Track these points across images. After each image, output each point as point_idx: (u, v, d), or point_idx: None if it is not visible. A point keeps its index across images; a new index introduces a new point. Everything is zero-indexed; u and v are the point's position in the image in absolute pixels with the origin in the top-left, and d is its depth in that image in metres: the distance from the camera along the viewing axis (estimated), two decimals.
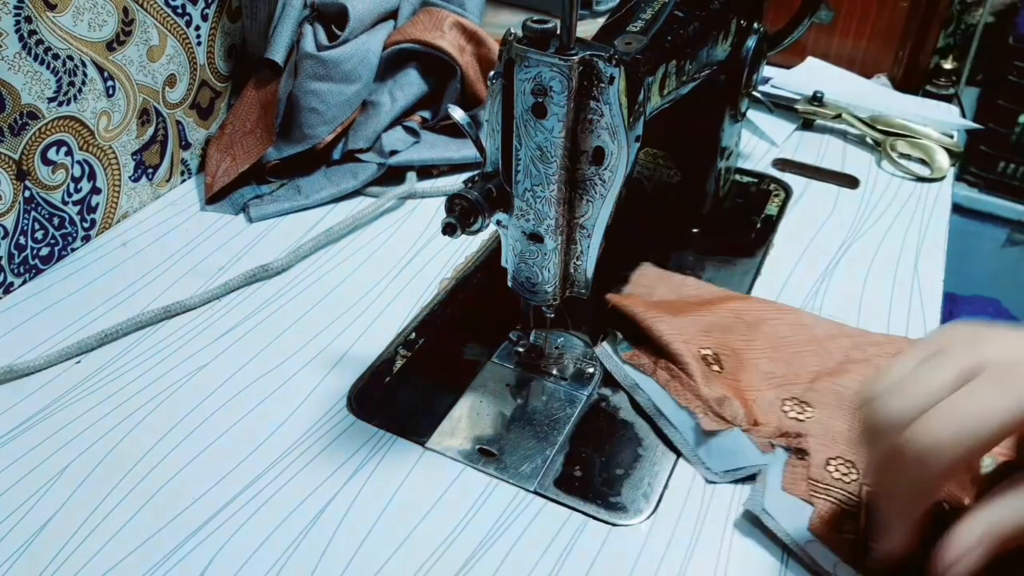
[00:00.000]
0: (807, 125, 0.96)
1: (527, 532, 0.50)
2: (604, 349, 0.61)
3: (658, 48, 0.53)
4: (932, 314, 0.68)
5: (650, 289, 0.66)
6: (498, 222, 0.53)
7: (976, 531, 0.39)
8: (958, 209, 1.62)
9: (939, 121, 0.95)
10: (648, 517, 0.51)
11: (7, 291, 0.67)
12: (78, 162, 0.70)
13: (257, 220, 0.77)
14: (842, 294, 0.70)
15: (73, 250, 0.72)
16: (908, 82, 1.19)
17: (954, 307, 1.66)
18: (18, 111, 0.64)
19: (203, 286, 0.69)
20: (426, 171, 0.84)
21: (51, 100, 0.66)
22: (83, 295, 0.68)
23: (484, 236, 0.75)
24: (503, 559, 0.48)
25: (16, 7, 0.61)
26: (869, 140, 0.93)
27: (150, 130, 0.77)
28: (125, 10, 0.71)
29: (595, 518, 0.51)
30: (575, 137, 0.49)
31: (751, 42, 0.71)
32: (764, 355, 0.60)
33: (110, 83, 0.71)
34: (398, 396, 0.60)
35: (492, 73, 0.49)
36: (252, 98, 0.84)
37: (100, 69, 0.70)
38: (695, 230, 0.78)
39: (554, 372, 0.61)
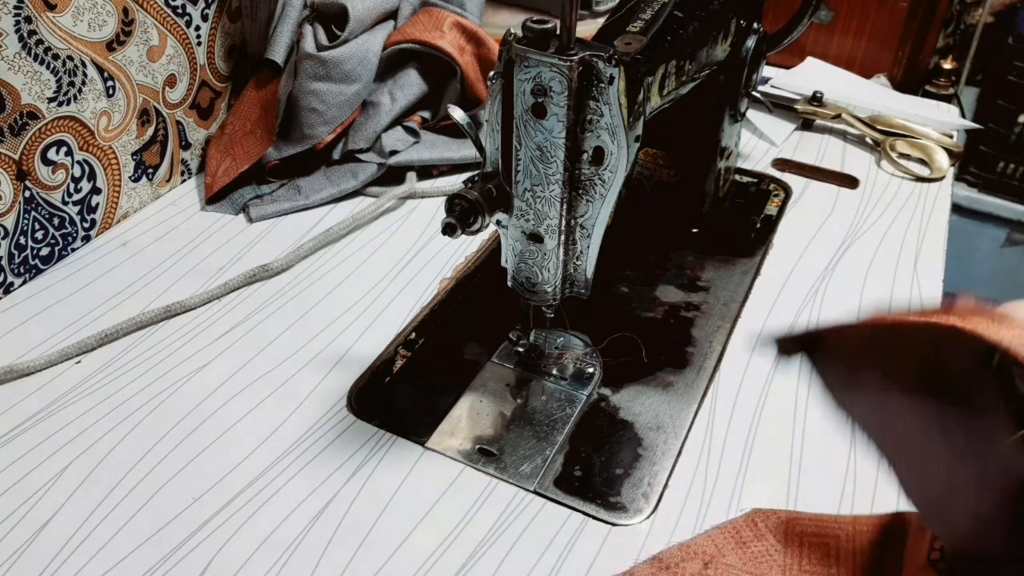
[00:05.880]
0: (807, 125, 0.96)
1: (527, 532, 0.50)
2: None
3: (658, 48, 0.54)
4: None
5: None
6: (498, 222, 0.53)
7: None
8: (957, 209, 1.62)
9: (938, 121, 0.95)
10: (648, 517, 0.51)
11: (7, 291, 0.67)
12: (78, 162, 0.70)
13: (257, 220, 0.77)
14: (841, 294, 0.70)
15: (73, 250, 0.72)
16: (908, 82, 1.19)
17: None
18: (18, 111, 0.64)
19: (203, 286, 0.69)
20: (426, 171, 0.84)
21: (51, 100, 0.66)
22: (83, 295, 0.68)
23: (484, 236, 0.75)
24: (503, 559, 0.48)
25: (16, 7, 0.61)
26: (869, 140, 0.93)
27: (150, 130, 0.77)
28: (125, 10, 0.71)
29: (595, 518, 0.51)
30: (575, 137, 0.49)
31: (750, 42, 0.71)
32: None
33: (110, 83, 0.71)
34: (398, 396, 0.60)
35: (492, 73, 0.49)
36: (252, 98, 0.84)
37: (100, 69, 0.70)
38: (695, 230, 0.78)
39: (554, 372, 0.61)
